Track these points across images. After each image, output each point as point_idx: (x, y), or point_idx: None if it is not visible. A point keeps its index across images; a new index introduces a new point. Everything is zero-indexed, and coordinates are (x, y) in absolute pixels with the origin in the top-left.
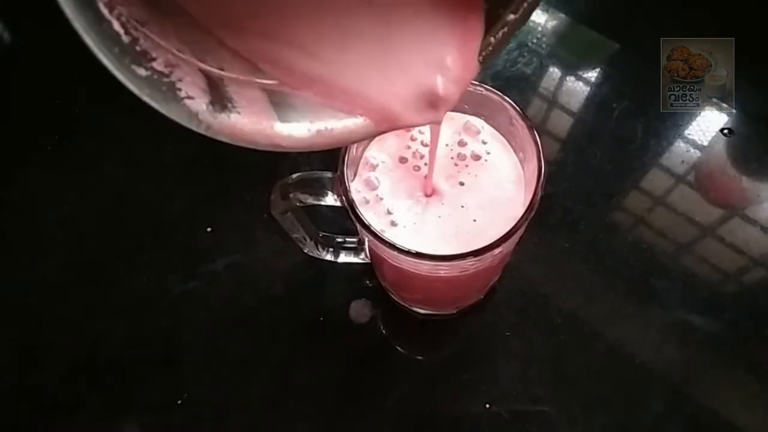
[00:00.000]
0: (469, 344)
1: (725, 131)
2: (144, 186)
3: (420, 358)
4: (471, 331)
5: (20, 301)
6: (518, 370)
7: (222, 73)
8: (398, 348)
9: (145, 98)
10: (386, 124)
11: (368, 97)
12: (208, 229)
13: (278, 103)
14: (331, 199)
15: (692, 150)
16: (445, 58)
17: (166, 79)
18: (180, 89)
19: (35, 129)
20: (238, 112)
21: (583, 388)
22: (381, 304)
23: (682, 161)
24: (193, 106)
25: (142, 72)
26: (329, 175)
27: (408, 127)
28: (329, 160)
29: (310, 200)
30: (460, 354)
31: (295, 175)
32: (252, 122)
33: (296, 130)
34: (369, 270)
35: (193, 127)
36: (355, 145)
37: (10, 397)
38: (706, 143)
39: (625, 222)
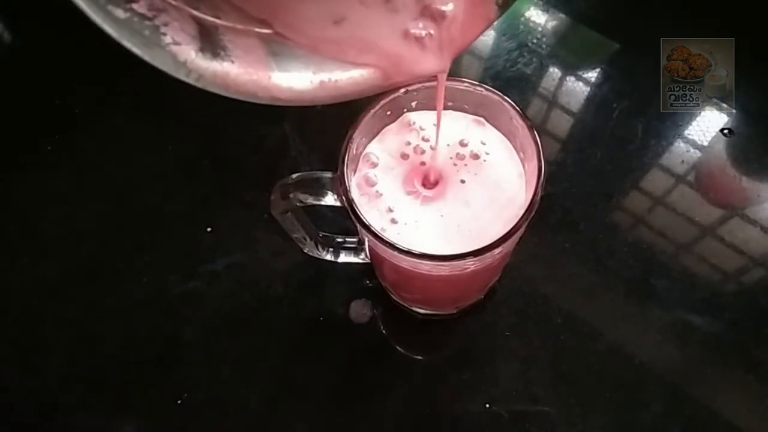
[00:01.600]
0: (469, 344)
1: (725, 131)
2: (144, 186)
3: (420, 358)
4: (471, 331)
5: (20, 301)
6: (518, 370)
7: (217, 21)
8: (398, 348)
9: (126, 43)
10: (393, 74)
11: (374, 44)
12: (208, 229)
13: (278, 53)
14: (331, 199)
15: (692, 150)
16: (458, 3)
17: (148, 23)
18: (165, 34)
19: (35, 129)
20: (232, 61)
21: (583, 388)
22: (381, 304)
23: (682, 161)
24: (181, 53)
25: (119, 14)
26: (329, 175)
27: (416, 77)
28: (329, 160)
29: (310, 200)
30: (460, 354)
31: (295, 175)
32: (247, 72)
33: (297, 81)
34: (369, 270)
35: (182, 77)
36: (355, 144)
37: (10, 397)
38: (706, 143)
39: (625, 222)
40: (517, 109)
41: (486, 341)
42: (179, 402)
